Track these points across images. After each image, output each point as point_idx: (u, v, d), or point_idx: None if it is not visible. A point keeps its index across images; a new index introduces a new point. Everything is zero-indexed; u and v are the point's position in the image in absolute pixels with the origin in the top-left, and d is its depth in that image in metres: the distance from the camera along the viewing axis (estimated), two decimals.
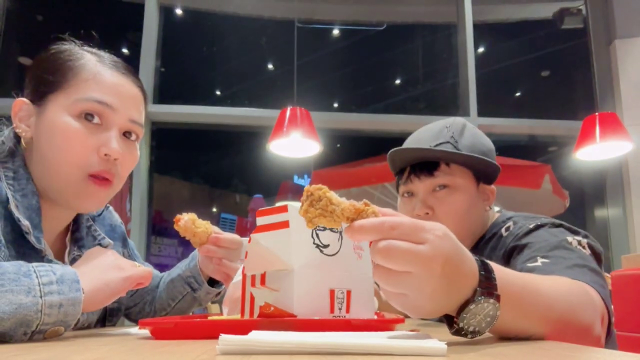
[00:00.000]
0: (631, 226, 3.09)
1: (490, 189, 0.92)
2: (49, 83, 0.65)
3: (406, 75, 5.78)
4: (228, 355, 0.34)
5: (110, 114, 0.66)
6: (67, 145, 0.63)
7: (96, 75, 0.66)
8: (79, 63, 0.66)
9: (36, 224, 0.63)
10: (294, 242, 0.51)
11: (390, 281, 0.42)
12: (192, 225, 0.76)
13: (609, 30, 3.35)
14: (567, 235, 0.76)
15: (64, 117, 0.64)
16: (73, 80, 0.65)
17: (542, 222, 0.81)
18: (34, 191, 0.64)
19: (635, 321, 1.18)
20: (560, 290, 0.58)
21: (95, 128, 0.65)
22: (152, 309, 0.90)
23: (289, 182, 5.95)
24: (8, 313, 0.45)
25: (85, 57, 0.68)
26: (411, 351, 0.34)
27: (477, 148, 0.88)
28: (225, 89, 6.34)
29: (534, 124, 3.29)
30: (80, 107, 0.64)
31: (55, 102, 0.65)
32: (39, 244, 0.62)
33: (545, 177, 3.08)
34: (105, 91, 0.66)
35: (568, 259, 0.71)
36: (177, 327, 0.49)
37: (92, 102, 0.65)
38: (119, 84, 0.68)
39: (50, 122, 0.64)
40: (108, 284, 0.57)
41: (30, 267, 0.49)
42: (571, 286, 0.62)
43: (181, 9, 4.19)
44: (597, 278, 0.68)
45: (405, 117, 3.29)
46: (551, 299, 0.55)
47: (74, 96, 0.64)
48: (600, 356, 0.36)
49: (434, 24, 4.47)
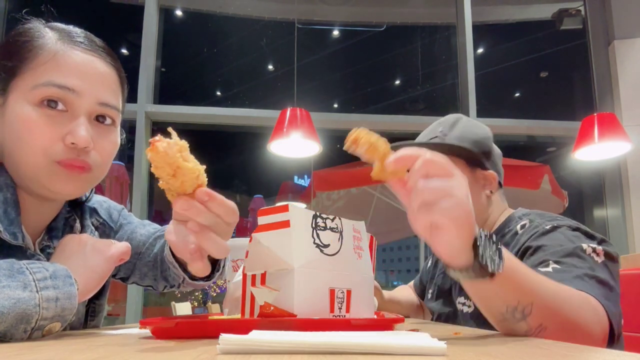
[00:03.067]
0: (630, 226, 3.10)
1: (489, 174, 0.93)
2: (8, 69, 0.59)
3: (406, 76, 5.79)
4: (228, 355, 0.34)
5: (74, 98, 0.58)
6: (28, 137, 0.57)
7: (56, 56, 0.58)
8: (37, 43, 0.59)
9: (12, 219, 0.59)
10: (294, 241, 0.51)
11: (437, 188, 0.47)
12: (179, 155, 0.46)
13: (607, 31, 3.36)
14: (583, 241, 0.75)
15: (24, 106, 0.57)
16: (31, 64, 0.58)
17: (559, 223, 0.80)
18: (9, 183, 0.60)
19: (635, 321, 1.18)
20: (565, 291, 0.60)
21: (59, 115, 0.58)
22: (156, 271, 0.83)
23: (289, 182, 5.95)
24: (8, 307, 0.46)
25: (46, 36, 0.60)
26: (411, 351, 0.34)
27: (467, 137, 0.91)
28: (225, 90, 6.35)
29: (533, 124, 3.29)
30: (39, 94, 0.57)
31: (16, 90, 0.58)
32: (14, 240, 0.58)
33: (544, 177, 3.08)
34: (66, 73, 0.58)
35: (579, 268, 0.70)
36: (178, 327, 0.49)
37: (52, 87, 0.57)
38: (83, 63, 0.60)
39: (12, 113, 0.58)
40: (94, 270, 0.57)
41: (22, 264, 0.49)
42: (576, 293, 0.63)
43: (181, 11, 4.19)
44: (604, 291, 0.67)
45: (405, 117, 3.29)
46: (555, 294, 0.57)
47: (32, 82, 0.57)
48: (600, 356, 0.36)
49: (433, 25, 4.48)
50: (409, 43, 5.05)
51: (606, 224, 3.29)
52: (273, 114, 2.73)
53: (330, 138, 3.49)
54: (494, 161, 0.95)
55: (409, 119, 3.29)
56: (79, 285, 0.53)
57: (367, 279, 0.61)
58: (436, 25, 4.39)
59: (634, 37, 3.27)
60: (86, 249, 0.59)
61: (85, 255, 0.58)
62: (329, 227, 0.56)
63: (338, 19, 4.42)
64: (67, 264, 0.55)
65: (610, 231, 3.24)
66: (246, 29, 4.71)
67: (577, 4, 3.59)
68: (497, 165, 0.96)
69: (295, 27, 3.29)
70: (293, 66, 2.98)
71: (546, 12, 3.80)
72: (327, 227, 0.55)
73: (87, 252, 0.58)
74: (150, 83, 3.06)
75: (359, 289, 0.58)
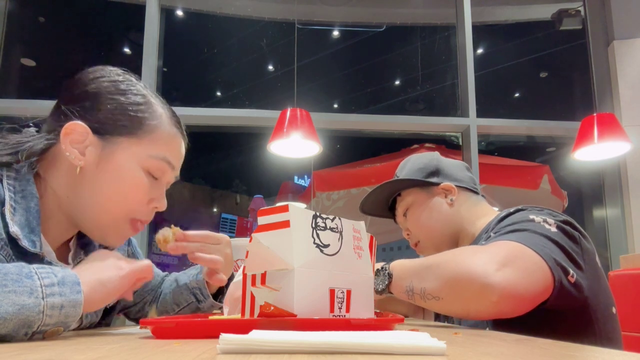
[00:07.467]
0: (629, 226, 3.10)
1: (443, 186, 1.02)
2: (123, 127, 0.66)
3: (406, 76, 5.79)
4: (229, 355, 0.34)
5: (169, 172, 0.71)
6: (129, 193, 0.67)
7: (169, 136, 0.70)
8: (156, 121, 0.69)
9: (33, 227, 0.62)
10: (294, 241, 0.51)
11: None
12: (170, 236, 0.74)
13: (607, 31, 3.36)
14: (538, 215, 0.76)
15: (135, 167, 0.67)
16: (150, 136, 0.68)
17: (527, 206, 0.83)
18: (34, 194, 0.64)
19: (635, 321, 1.18)
20: (449, 254, 0.71)
21: (153, 182, 0.70)
22: (154, 308, 0.90)
23: (289, 182, 5.95)
24: (11, 313, 0.46)
25: (162, 116, 0.70)
26: (411, 351, 0.34)
27: (413, 170, 1.05)
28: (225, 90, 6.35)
29: (533, 124, 3.29)
30: (152, 164, 0.68)
31: (128, 148, 0.67)
32: (33, 247, 0.61)
33: (544, 177, 3.09)
34: (175, 154, 0.71)
35: (508, 229, 0.73)
36: (178, 327, 0.49)
37: (164, 163, 0.69)
38: (181, 147, 0.73)
39: (118, 166, 0.66)
40: (104, 284, 0.56)
41: (31, 268, 0.50)
42: (469, 248, 0.72)
43: (182, 11, 4.19)
44: (531, 236, 0.69)
45: (405, 117, 3.29)
46: (438, 262, 0.70)
47: (148, 151, 0.68)
48: (600, 356, 0.36)
49: (433, 25, 4.48)
50: (408, 43, 5.05)
51: (606, 224, 3.29)
52: (273, 114, 2.73)
53: (330, 138, 3.49)
54: (447, 174, 1.04)
55: (409, 119, 3.28)
56: (84, 294, 0.53)
57: (367, 279, 0.61)
58: (436, 25, 4.39)
59: (634, 38, 3.27)
60: (105, 263, 0.60)
61: (101, 268, 0.58)
62: (329, 227, 0.56)
63: (338, 19, 4.42)
64: (80, 272, 0.55)
65: (609, 231, 3.24)
66: (246, 29, 4.71)
67: (576, 4, 3.59)
68: (452, 175, 1.04)
69: (295, 27, 3.29)
70: (293, 66, 2.98)
71: (546, 12, 3.80)
72: (327, 227, 0.56)
73: (104, 265, 0.59)
74: (153, 83, 3.06)
75: (359, 289, 0.58)
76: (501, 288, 0.60)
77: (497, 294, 0.60)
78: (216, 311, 0.88)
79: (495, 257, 0.63)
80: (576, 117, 2.88)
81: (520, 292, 0.61)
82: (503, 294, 0.60)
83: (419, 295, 0.72)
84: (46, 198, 0.66)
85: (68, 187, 0.66)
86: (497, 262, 0.62)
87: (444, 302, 0.67)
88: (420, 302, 0.72)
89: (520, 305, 0.62)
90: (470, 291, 0.61)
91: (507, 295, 0.60)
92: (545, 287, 0.63)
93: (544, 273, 0.63)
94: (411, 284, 0.73)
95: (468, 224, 0.98)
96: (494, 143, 4.40)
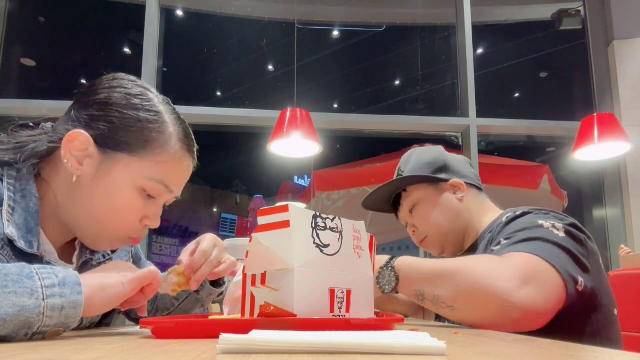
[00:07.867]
0: (629, 226, 3.10)
1: (452, 182, 1.00)
2: (125, 144, 0.63)
3: (405, 76, 5.79)
4: (229, 355, 0.34)
5: (167, 195, 0.68)
6: (121, 212, 0.64)
7: (174, 158, 0.66)
8: (163, 141, 0.65)
9: (31, 228, 0.61)
10: (294, 241, 0.51)
11: None
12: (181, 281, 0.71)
13: (607, 31, 3.36)
14: (545, 220, 0.76)
15: (130, 186, 0.64)
16: (153, 156, 0.64)
17: (532, 209, 0.83)
18: (33, 193, 0.63)
19: (635, 321, 1.18)
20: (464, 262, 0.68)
21: (149, 200, 0.66)
22: (154, 308, 0.90)
23: (289, 182, 5.95)
24: (11, 315, 0.46)
25: (171, 136, 0.66)
26: (411, 351, 0.34)
27: (420, 165, 1.03)
28: (225, 90, 6.35)
29: (533, 124, 3.29)
30: (149, 186, 0.65)
31: (127, 166, 0.63)
32: (29, 248, 0.61)
33: (544, 177, 3.09)
34: (174, 178, 0.67)
35: (520, 236, 0.72)
36: (178, 327, 0.49)
37: (161, 187, 0.65)
38: (187, 170, 0.70)
39: (114, 183, 0.63)
40: (105, 289, 0.55)
41: (32, 269, 0.49)
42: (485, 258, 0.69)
43: (182, 11, 4.19)
44: (544, 246, 0.68)
45: (405, 117, 3.29)
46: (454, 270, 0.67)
47: (147, 172, 0.64)
48: (600, 356, 0.36)
49: (433, 25, 4.48)
50: (408, 43, 5.05)
51: (606, 224, 3.29)
52: (273, 114, 2.73)
53: (330, 138, 3.49)
54: (455, 170, 1.03)
55: (409, 119, 3.28)
56: (84, 297, 0.52)
57: (367, 279, 0.61)
58: (436, 25, 4.39)
59: (634, 38, 3.27)
60: (113, 269, 0.59)
61: (106, 274, 0.58)
62: (329, 227, 0.56)
63: (338, 20, 4.42)
64: (84, 275, 0.55)
65: (609, 231, 3.24)
66: (246, 29, 4.71)
67: (576, 4, 3.59)
68: (459, 171, 1.03)
69: (295, 27, 3.29)
70: (293, 66, 2.98)
71: (546, 12, 3.80)
72: (327, 227, 0.56)
73: (110, 271, 0.59)
74: (153, 83, 3.06)
75: (359, 289, 0.58)
76: (523, 306, 0.60)
77: (518, 312, 0.59)
78: (216, 312, 0.88)
79: (515, 272, 0.62)
80: (576, 117, 2.88)
81: (540, 310, 0.61)
82: (524, 312, 0.60)
83: (431, 301, 0.70)
84: (47, 199, 0.66)
85: (65, 193, 0.66)
86: (518, 278, 0.61)
87: (459, 312, 0.66)
88: (432, 307, 0.70)
89: (539, 321, 0.63)
90: (490, 306, 0.60)
91: (528, 313, 0.60)
92: (560, 300, 0.64)
93: (560, 288, 0.64)
94: (422, 289, 0.71)
95: (475, 220, 0.98)
96: (494, 143, 4.40)
